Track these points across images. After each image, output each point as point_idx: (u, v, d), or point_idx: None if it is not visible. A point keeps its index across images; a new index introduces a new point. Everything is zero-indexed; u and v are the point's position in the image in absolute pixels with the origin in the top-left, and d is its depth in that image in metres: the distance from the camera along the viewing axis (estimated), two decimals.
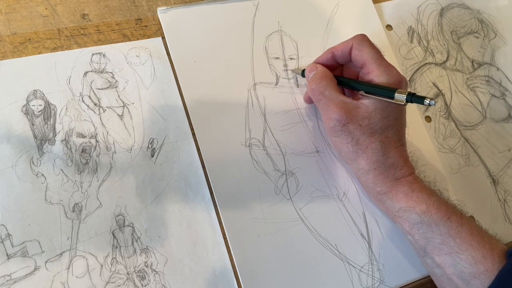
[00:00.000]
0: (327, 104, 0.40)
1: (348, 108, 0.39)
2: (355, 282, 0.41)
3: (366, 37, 0.41)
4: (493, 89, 0.54)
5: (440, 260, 0.37)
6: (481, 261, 0.35)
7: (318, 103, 0.41)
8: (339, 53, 0.43)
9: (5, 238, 0.36)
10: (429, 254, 0.38)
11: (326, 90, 0.41)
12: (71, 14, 0.44)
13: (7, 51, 0.41)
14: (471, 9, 0.58)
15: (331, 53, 0.43)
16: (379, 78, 0.39)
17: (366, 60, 0.40)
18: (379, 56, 0.40)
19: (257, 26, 0.48)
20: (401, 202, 0.39)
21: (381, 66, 0.40)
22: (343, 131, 0.39)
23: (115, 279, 0.37)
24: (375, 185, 0.40)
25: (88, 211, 0.38)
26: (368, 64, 0.40)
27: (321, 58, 0.44)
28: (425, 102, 0.36)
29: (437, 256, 0.37)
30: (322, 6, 0.51)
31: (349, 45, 0.41)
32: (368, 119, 0.39)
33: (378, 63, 0.40)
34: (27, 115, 0.39)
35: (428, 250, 0.38)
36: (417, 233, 0.38)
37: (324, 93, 0.41)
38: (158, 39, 0.45)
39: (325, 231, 0.42)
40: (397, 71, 0.40)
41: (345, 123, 0.39)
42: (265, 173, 0.43)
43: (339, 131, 0.40)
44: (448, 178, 0.48)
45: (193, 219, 0.40)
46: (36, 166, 0.38)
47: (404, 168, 0.40)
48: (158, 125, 0.42)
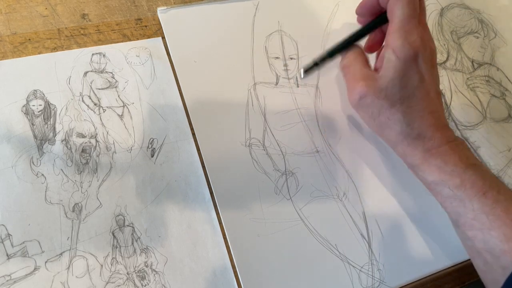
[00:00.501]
0: (349, 79, 0.41)
1: (367, 80, 0.39)
2: (355, 282, 0.41)
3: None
4: (493, 89, 0.54)
5: (472, 234, 0.36)
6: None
7: (344, 78, 0.42)
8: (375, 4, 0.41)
9: (5, 238, 0.36)
10: (460, 227, 0.38)
11: (352, 65, 0.41)
12: (71, 14, 0.44)
13: (7, 51, 0.41)
14: (471, 9, 0.58)
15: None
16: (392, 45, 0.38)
17: (393, 17, 0.38)
18: (406, 18, 0.37)
19: (257, 26, 0.48)
20: (434, 175, 0.38)
21: (399, 31, 0.37)
22: (362, 105, 0.39)
23: (115, 279, 0.37)
24: (406, 157, 0.40)
25: (88, 211, 0.38)
26: (392, 22, 0.38)
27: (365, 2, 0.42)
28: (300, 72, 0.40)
29: (468, 230, 0.37)
30: (322, 6, 0.51)
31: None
32: (385, 90, 0.38)
33: (398, 27, 0.37)
34: (27, 115, 0.39)
35: (460, 223, 0.37)
36: (449, 206, 0.38)
37: (349, 68, 0.41)
38: (158, 39, 0.45)
39: (325, 231, 0.42)
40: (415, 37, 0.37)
41: (362, 96, 0.39)
42: (265, 173, 0.43)
43: (358, 104, 0.40)
44: None
45: (193, 219, 0.40)
46: (36, 166, 0.38)
47: (435, 138, 0.38)
48: (158, 125, 0.42)
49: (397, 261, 0.43)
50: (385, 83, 0.38)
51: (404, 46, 0.37)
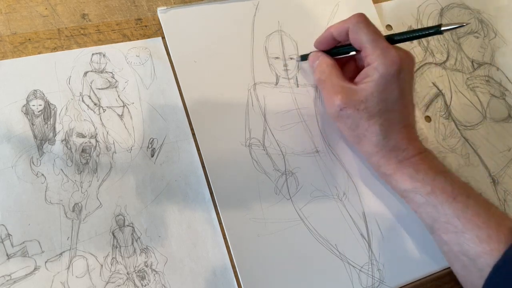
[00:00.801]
0: (328, 91, 0.42)
1: (346, 93, 0.40)
2: (355, 282, 0.41)
3: (363, 18, 0.40)
4: (493, 89, 0.54)
5: (446, 238, 0.38)
6: (486, 241, 0.35)
7: (322, 91, 0.43)
8: (337, 34, 0.42)
9: (5, 238, 0.36)
10: (435, 232, 0.39)
11: (328, 78, 0.42)
12: (71, 14, 0.44)
13: (7, 51, 0.41)
14: (471, 9, 0.58)
15: (330, 33, 0.43)
16: (375, 61, 0.39)
17: (362, 43, 0.40)
18: (375, 38, 0.39)
19: (257, 26, 0.48)
20: (406, 183, 0.40)
21: (377, 48, 0.39)
22: (342, 116, 0.40)
23: (115, 279, 0.37)
24: (380, 167, 0.41)
25: (88, 211, 0.38)
26: (365, 47, 0.40)
27: (321, 38, 0.44)
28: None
29: (443, 234, 0.38)
30: (322, 6, 0.51)
31: (346, 27, 0.41)
32: (364, 103, 0.39)
33: (375, 45, 0.39)
34: (27, 115, 0.39)
35: (435, 229, 0.39)
36: (423, 212, 0.39)
37: (326, 81, 0.42)
38: (158, 39, 0.45)
39: (325, 231, 0.42)
40: (394, 53, 0.39)
41: (342, 108, 0.40)
42: (265, 173, 0.43)
43: (338, 116, 0.41)
44: None
45: (193, 219, 0.40)
46: (36, 166, 0.38)
47: (408, 150, 0.40)
48: (158, 125, 0.42)
49: (397, 261, 0.43)
50: (365, 96, 0.39)
51: (385, 64, 0.39)
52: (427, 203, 0.39)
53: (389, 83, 0.39)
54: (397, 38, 0.41)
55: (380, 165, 0.41)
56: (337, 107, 0.40)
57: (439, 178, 0.39)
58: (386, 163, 0.41)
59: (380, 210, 0.44)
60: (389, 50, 0.39)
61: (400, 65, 0.39)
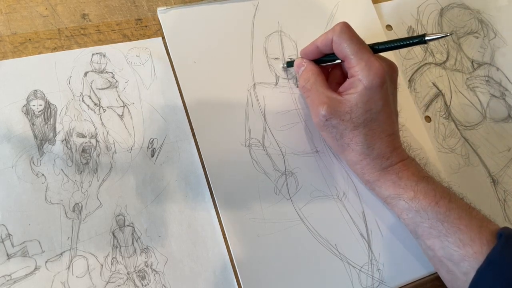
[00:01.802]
0: (313, 100, 0.42)
1: (331, 103, 0.40)
2: (354, 282, 0.41)
3: (346, 28, 0.40)
4: (493, 89, 0.54)
5: (430, 243, 0.38)
6: (469, 244, 0.36)
7: (307, 99, 0.43)
8: (323, 46, 0.42)
9: (5, 238, 0.36)
10: (420, 237, 0.39)
11: (313, 87, 0.42)
12: (71, 14, 0.44)
13: (7, 51, 0.41)
14: (471, 9, 0.58)
15: (315, 46, 0.43)
16: (360, 73, 0.39)
17: (346, 55, 0.40)
18: (359, 49, 0.39)
19: (256, 26, 0.48)
20: (389, 190, 0.41)
21: (361, 61, 0.39)
22: (327, 126, 0.41)
23: (115, 279, 0.37)
24: (364, 174, 0.42)
25: (88, 211, 0.38)
26: (348, 59, 0.40)
27: (306, 50, 0.44)
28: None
29: (427, 239, 0.39)
30: (322, 6, 0.51)
31: (330, 38, 0.41)
32: (349, 113, 0.39)
33: (359, 57, 0.39)
34: (27, 115, 0.39)
35: (419, 234, 0.39)
36: (406, 217, 0.40)
37: (311, 90, 0.42)
38: (158, 39, 0.45)
39: (325, 231, 0.42)
40: (378, 65, 0.39)
41: (328, 118, 0.40)
42: (265, 173, 0.43)
43: (323, 125, 0.41)
44: (448, 178, 0.48)
45: (193, 219, 0.40)
46: (36, 166, 0.38)
47: (392, 158, 0.41)
48: (158, 125, 0.42)
49: (397, 261, 0.43)
50: (350, 107, 0.39)
51: (369, 76, 0.39)
52: (410, 209, 0.39)
53: (373, 94, 0.39)
54: (380, 47, 0.41)
55: (364, 173, 0.42)
56: (323, 117, 0.40)
57: (422, 184, 0.40)
58: (369, 171, 0.41)
59: (380, 210, 0.44)
60: (372, 62, 0.39)
61: (384, 77, 0.39)
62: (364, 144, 0.40)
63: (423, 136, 0.49)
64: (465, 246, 0.36)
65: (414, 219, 0.39)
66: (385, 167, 0.41)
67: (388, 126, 0.41)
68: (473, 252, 0.36)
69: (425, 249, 0.40)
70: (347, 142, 0.41)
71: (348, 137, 0.41)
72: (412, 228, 0.40)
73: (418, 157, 0.48)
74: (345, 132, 0.40)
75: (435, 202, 0.38)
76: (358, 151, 0.41)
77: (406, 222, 0.40)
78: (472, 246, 0.36)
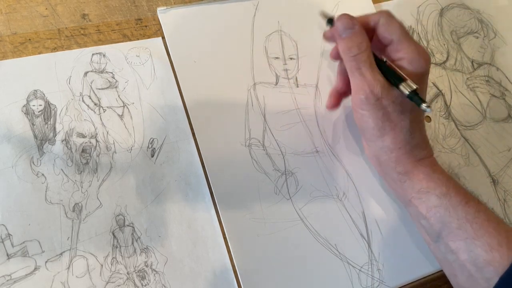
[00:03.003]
0: (363, 73, 0.38)
1: (384, 82, 0.38)
2: (354, 282, 0.41)
3: (393, 14, 0.40)
4: (493, 89, 0.54)
5: (455, 245, 0.37)
6: (496, 249, 0.35)
7: (353, 69, 0.39)
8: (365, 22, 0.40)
9: (5, 238, 0.36)
10: (443, 239, 0.37)
11: (368, 58, 0.38)
12: (71, 14, 0.44)
13: (7, 51, 0.41)
14: (471, 9, 0.58)
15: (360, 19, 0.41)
16: (409, 57, 0.38)
17: (395, 37, 0.39)
18: (407, 33, 0.39)
19: (257, 26, 0.48)
20: (422, 182, 0.39)
21: (411, 44, 0.38)
22: (376, 105, 0.38)
23: (115, 279, 0.37)
24: (397, 164, 0.40)
25: (88, 211, 0.38)
26: (398, 41, 0.39)
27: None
28: (422, 106, 0.35)
29: (451, 241, 0.37)
30: (322, 6, 0.51)
31: (375, 20, 0.40)
32: (401, 96, 0.38)
33: (408, 41, 0.39)
34: (27, 115, 0.39)
35: (443, 235, 0.37)
36: (433, 216, 0.38)
37: (362, 60, 0.38)
38: (158, 39, 0.45)
39: (325, 231, 0.42)
40: (425, 51, 0.39)
41: (379, 97, 0.38)
42: (264, 173, 0.43)
43: (371, 104, 0.38)
44: None
45: (193, 219, 0.40)
46: (36, 166, 0.38)
47: (427, 149, 0.40)
48: (158, 125, 0.42)
49: (397, 261, 0.43)
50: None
51: (420, 60, 0.38)
52: (440, 205, 0.37)
53: (421, 80, 0.38)
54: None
55: (398, 162, 0.39)
56: (373, 96, 0.37)
57: (453, 181, 0.39)
58: (405, 161, 0.39)
59: (380, 210, 0.44)
60: (421, 47, 0.39)
61: (429, 63, 0.39)
62: (407, 130, 0.39)
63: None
64: (492, 251, 0.35)
65: (442, 217, 0.37)
66: (421, 157, 0.39)
67: (424, 118, 0.41)
68: (500, 257, 0.34)
69: (445, 253, 0.38)
70: (391, 126, 0.38)
71: (394, 120, 0.38)
72: (436, 230, 0.38)
73: None
74: (393, 114, 0.38)
75: (466, 201, 0.37)
76: (400, 137, 0.39)
77: (431, 222, 0.38)
78: (499, 251, 0.35)
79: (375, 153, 0.41)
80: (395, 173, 0.40)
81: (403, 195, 0.41)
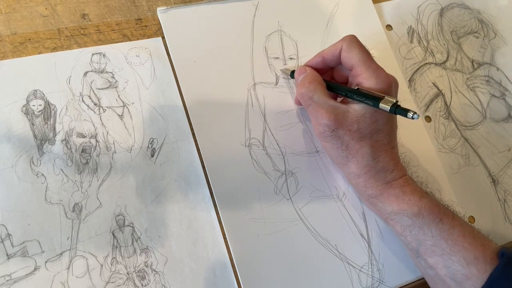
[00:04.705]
0: (316, 109, 0.40)
1: (337, 113, 0.39)
2: (354, 282, 0.41)
3: (356, 39, 0.41)
4: (493, 89, 0.54)
5: (433, 261, 0.37)
6: (473, 263, 0.35)
7: (308, 108, 0.41)
8: (329, 56, 0.42)
9: (5, 238, 0.36)
10: (421, 255, 0.38)
11: (315, 95, 0.40)
12: (71, 14, 0.44)
13: (7, 51, 0.41)
14: (471, 9, 0.58)
15: (321, 57, 0.43)
16: (367, 81, 0.39)
17: (355, 62, 0.40)
18: (367, 58, 0.40)
19: (257, 26, 0.48)
20: (393, 205, 0.39)
21: (370, 69, 0.39)
22: (333, 136, 0.39)
23: (115, 279, 0.37)
24: (366, 188, 0.40)
25: (88, 211, 0.38)
26: (357, 66, 0.40)
27: (311, 62, 0.44)
28: (408, 115, 0.35)
29: (429, 257, 0.37)
30: (322, 6, 0.51)
31: (339, 47, 0.41)
32: (357, 123, 0.39)
33: (367, 65, 0.39)
34: (27, 115, 0.39)
35: (421, 252, 0.38)
36: (409, 235, 0.38)
37: (313, 98, 0.40)
38: (158, 39, 0.45)
39: (325, 231, 0.42)
40: (385, 74, 0.39)
41: (334, 129, 0.39)
42: (264, 173, 0.43)
43: (328, 136, 0.39)
44: (448, 178, 0.48)
45: (193, 219, 0.40)
46: (36, 166, 0.38)
47: (395, 171, 0.40)
48: (158, 125, 0.42)
49: (397, 261, 0.43)
50: (357, 116, 0.39)
51: (378, 84, 0.38)
52: (413, 225, 0.38)
53: None
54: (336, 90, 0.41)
55: (366, 187, 0.40)
56: (328, 128, 0.39)
57: (425, 199, 0.39)
58: (373, 185, 0.40)
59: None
60: (380, 72, 0.39)
61: (391, 86, 0.39)
62: (370, 156, 0.39)
63: (423, 136, 0.49)
64: (469, 265, 0.35)
65: (417, 236, 0.38)
66: (389, 180, 0.40)
67: (392, 139, 0.41)
68: (477, 271, 0.35)
69: (426, 268, 0.38)
70: (352, 154, 0.39)
71: (354, 148, 0.39)
72: (414, 246, 0.38)
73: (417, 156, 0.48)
74: (351, 143, 0.39)
75: (439, 218, 0.37)
76: (363, 163, 0.39)
77: (408, 240, 0.39)
78: (476, 265, 0.35)
79: (347, 178, 0.43)
80: (367, 196, 0.41)
81: (380, 215, 0.42)
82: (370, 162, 0.39)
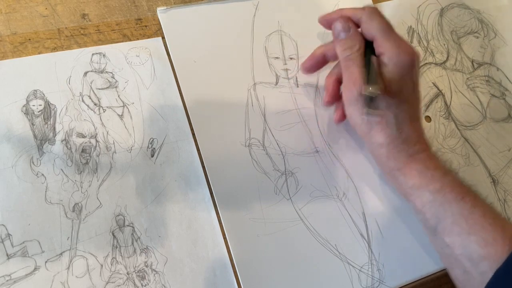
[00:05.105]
0: (352, 72, 0.39)
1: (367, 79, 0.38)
2: (354, 282, 0.41)
3: (377, 10, 0.40)
4: (493, 89, 0.54)
5: (450, 240, 0.37)
6: (491, 244, 0.35)
7: (344, 68, 0.41)
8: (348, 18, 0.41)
9: (5, 238, 0.36)
10: (439, 233, 0.38)
11: (354, 57, 0.40)
12: (71, 14, 0.44)
13: (7, 51, 0.41)
14: (471, 9, 0.58)
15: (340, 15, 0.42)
16: (388, 52, 0.39)
17: (376, 34, 0.39)
18: (388, 29, 0.39)
19: (257, 26, 0.48)
20: (415, 179, 0.39)
21: (390, 40, 0.39)
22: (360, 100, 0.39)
23: (115, 279, 0.37)
24: (389, 159, 0.40)
25: (88, 211, 0.38)
26: (378, 38, 0.39)
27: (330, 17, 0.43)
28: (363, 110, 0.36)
29: (447, 236, 0.37)
30: (322, 5, 0.51)
31: (358, 16, 0.41)
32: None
33: (387, 37, 0.39)
34: (27, 115, 0.39)
35: (439, 230, 0.37)
36: (428, 211, 0.38)
37: (352, 59, 0.40)
38: (158, 39, 0.45)
39: (325, 231, 0.42)
40: (407, 45, 0.39)
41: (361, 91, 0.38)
42: (264, 173, 0.43)
43: (356, 100, 0.39)
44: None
45: (193, 219, 0.40)
46: (36, 166, 0.38)
47: (418, 144, 0.40)
48: (158, 125, 0.42)
49: (397, 261, 0.43)
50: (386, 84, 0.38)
51: (400, 55, 0.38)
52: (434, 201, 0.37)
53: (403, 75, 0.38)
54: None
55: (389, 158, 0.40)
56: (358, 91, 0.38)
57: (449, 176, 0.38)
58: (396, 156, 0.39)
59: (380, 210, 0.44)
60: (402, 42, 0.39)
61: (414, 57, 0.39)
62: (394, 125, 0.39)
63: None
64: (487, 246, 0.35)
65: (436, 213, 0.37)
66: (412, 153, 0.39)
67: (416, 111, 0.40)
68: (494, 252, 0.34)
69: (442, 247, 0.38)
70: (377, 121, 0.39)
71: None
72: (432, 224, 0.38)
73: None
74: None
75: (461, 197, 0.37)
76: (387, 132, 0.39)
77: (427, 217, 0.38)
78: (494, 246, 0.35)
79: (369, 148, 0.42)
80: (389, 168, 0.40)
81: (399, 189, 0.41)
82: (394, 132, 0.39)
